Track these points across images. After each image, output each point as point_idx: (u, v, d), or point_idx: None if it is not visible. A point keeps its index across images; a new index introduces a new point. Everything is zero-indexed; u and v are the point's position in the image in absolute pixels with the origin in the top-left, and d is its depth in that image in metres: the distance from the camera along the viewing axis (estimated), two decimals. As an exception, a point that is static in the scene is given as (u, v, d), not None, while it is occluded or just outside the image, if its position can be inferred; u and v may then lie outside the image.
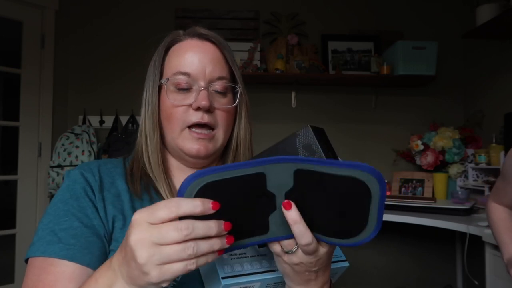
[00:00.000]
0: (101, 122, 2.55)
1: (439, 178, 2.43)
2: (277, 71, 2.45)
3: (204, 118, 0.64)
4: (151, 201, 0.65)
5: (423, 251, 2.64)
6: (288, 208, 0.44)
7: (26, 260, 0.59)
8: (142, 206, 0.64)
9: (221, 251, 0.42)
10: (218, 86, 0.66)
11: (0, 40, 2.99)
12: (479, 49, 2.53)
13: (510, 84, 2.23)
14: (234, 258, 0.54)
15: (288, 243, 0.48)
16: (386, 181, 0.39)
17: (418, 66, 2.41)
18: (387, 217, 2.05)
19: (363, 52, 2.64)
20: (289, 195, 0.44)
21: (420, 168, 2.54)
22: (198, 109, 0.64)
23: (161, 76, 0.67)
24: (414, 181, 2.53)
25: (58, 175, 2.26)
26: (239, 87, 0.68)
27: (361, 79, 2.52)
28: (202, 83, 0.64)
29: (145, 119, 0.68)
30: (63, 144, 2.31)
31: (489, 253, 1.61)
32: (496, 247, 1.41)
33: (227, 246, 0.42)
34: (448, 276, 2.61)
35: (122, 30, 2.60)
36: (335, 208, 0.43)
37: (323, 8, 2.71)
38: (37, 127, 2.40)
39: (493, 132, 2.25)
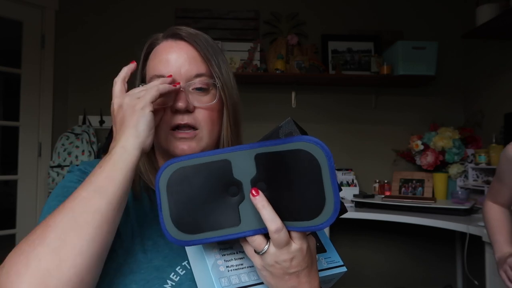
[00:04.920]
0: (101, 122, 2.55)
1: (439, 178, 2.43)
2: (277, 71, 2.45)
3: (184, 119, 0.62)
4: (150, 200, 0.66)
5: (423, 251, 2.64)
6: (256, 194, 0.47)
7: None
8: (141, 204, 0.65)
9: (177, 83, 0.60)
10: (196, 84, 0.64)
11: (0, 40, 2.99)
12: (479, 49, 2.53)
13: (510, 84, 2.23)
14: (231, 270, 0.52)
15: (258, 243, 0.48)
16: (331, 153, 0.45)
17: (418, 66, 2.41)
18: (387, 217, 2.05)
19: (363, 52, 2.64)
20: (254, 183, 0.47)
21: (420, 168, 2.54)
22: (176, 111, 0.62)
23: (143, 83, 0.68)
24: (414, 181, 2.53)
25: (58, 175, 2.26)
26: (217, 83, 0.65)
27: (361, 79, 2.52)
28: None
29: None
30: (63, 144, 2.31)
31: (489, 253, 1.61)
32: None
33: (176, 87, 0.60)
34: (448, 276, 2.61)
35: (122, 30, 2.60)
36: (294, 186, 0.46)
37: (323, 8, 2.71)
38: (37, 127, 2.40)
39: (493, 132, 2.25)
